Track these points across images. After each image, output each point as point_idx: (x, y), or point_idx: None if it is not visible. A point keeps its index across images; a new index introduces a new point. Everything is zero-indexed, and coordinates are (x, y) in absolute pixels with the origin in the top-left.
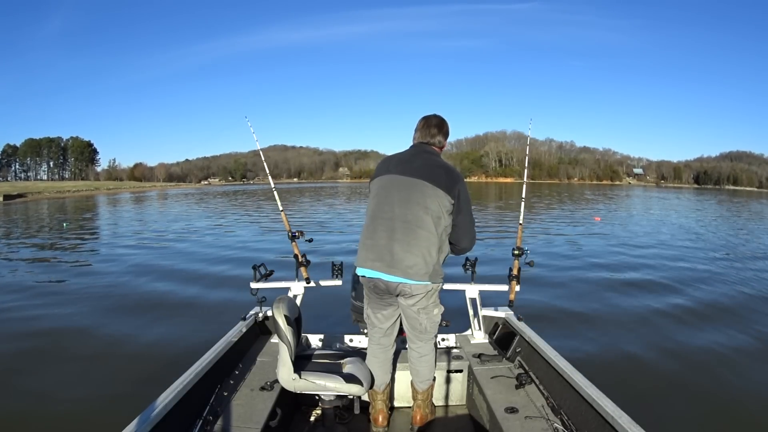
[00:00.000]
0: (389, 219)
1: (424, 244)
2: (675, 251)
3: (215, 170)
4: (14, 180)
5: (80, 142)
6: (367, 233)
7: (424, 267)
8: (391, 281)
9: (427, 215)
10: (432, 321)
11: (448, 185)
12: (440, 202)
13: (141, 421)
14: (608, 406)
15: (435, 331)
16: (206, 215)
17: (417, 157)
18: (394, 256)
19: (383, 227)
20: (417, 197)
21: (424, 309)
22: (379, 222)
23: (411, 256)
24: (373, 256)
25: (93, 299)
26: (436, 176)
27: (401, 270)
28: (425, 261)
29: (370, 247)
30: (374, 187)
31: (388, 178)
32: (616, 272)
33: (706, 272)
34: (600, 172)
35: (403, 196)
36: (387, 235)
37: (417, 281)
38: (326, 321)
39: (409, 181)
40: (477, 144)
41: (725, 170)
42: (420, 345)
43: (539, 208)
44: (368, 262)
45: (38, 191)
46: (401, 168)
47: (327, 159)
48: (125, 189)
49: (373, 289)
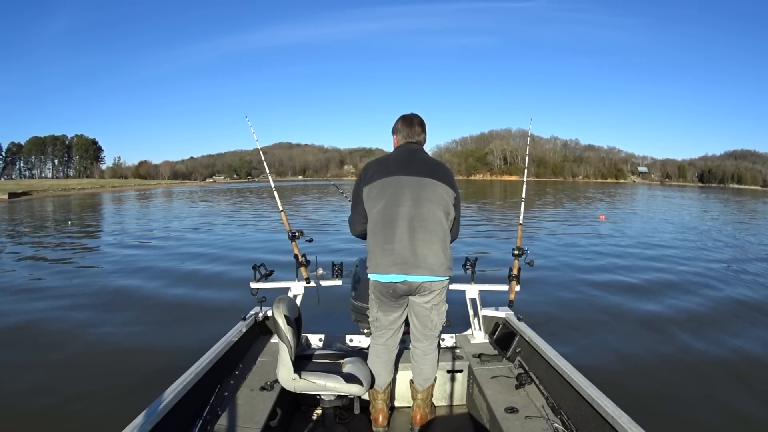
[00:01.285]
0: (406, 220)
1: (441, 238)
2: (679, 251)
3: (220, 168)
4: (19, 178)
5: (85, 140)
6: (383, 238)
7: (446, 261)
8: (415, 281)
9: (440, 211)
10: (441, 318)
11: (449, 180)
12: (447, 196)
13: (141, 421)
14: (608, 406)
15: (440, 329)
16: (210, 213)
17: (414, 157)
18: (418, 255)
19: (401, 229)
20: (428, 195)
21: (437, 305)
22: (396, 225)
23: (433, 253)
24: (396, 260)
25: (93, 299)
26: (438, 173)
27: (427, 268)
28: (446, 255)
29: (390, 252)
30: (375, 190)
31: (393, 180)
32: (619, 273)
33: (714, 272)
34: (605, 170)
35: (414, 196)
36: (408, 236)
37: (440, 277)
38: (326, 321)
39: (417, 180)
40: (482, 142)
41: (729, 169)
42: (425, 344)
43: (544, 206)
44: (390, 267)
45: (43, 189)
46: (404, 169)
47: (332, 157)
48: (130, 187)
49: (391, 294)
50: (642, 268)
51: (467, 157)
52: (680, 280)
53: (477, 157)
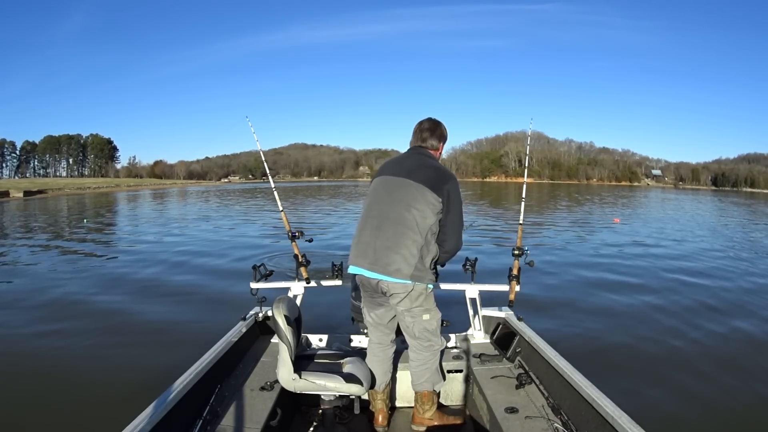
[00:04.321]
0: (375, 218)
1: (406, 242)
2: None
3: (235, 168)
4: (33, 177)
5: (100, 140)
6: (357, 232)
7: (404, 265)
8: (372, 278)
9: (410, 214)
10: (420, 326)
11: (435, 184)
12: (427, 200)
13: (141, 421)
14: (608, 406)
15: (429, 339)
16: (221, 214)
17: (409, 159)
18: (376, 253)
19: (370, 226)
20: (402, 196)
21: (409, 311)
22: (367, 221)
23: (391, 253)
24: (359, 254)
25: (93, 298)
26: (423, 176)
27: (381, 267)
28: (405, 259)
29: (356, 245)
30: (370, 187)
31: (381, 180)
32: (639, 279)
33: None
34: (619, 173)
35: (390, 196)
36: (371, 233)
37: (395, 279)
38: (326, 321)
39: (398, 180)
40: (497, 144)
41: (743, 172)
42: (414, 351)
43: (559, 208)
44: (354, 259)
45: (58, 187)
46: (393, 169)
47: (347, 158)
48: (145, 186)
49: (363, 287)
50: (665, 274)
51: (482, 159)
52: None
53: (492, 159)
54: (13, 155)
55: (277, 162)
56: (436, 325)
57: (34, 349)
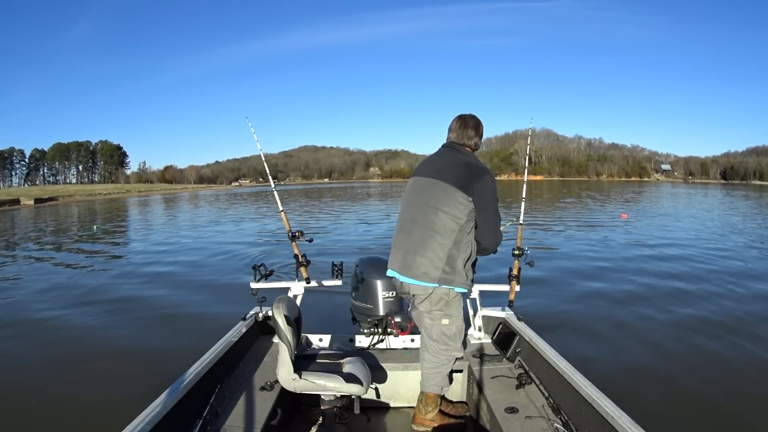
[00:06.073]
0: (406, 221)
1: (432, 245)
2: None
3: (246, 171)
4: (43, 184)
5: (109, 146)
6: (395, 235)
7: (431, 269)
8: (404, 282)
9: (437, 217)
10: (438, 330)
11: (465, 183)
12: (456, 201)
13: (141, 421)
14: (608, 406)
15: (446, 343)
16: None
17: (442, 157)
18: (406, 257)
19: (402, 230)
20: (429, 198)
21: (429, 313)
22: (401, 224)
23: (418, 257)
24: (393, 257)
25: (94, 297)
26: (454, 174)
27: (409, 270)
28: (432, 263)
29: (392, 249)
30: (406, 189)
31: (413, 181)
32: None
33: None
34: (628, 168)
35: (419, 199)
36: (403, 237)
37: (421, 282)
38: (326, 321)
39: (427, 181)
40: (506, 142)
41: (752, 165)
42: (429, 353)
43: (568, 205)
44: (390, 262)
45: (69, 195)
46: (424, 169)
47: (357, 159)
48: (156, 191)
49: (398, 290)
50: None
51: (492, 158)
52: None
53: (502, 157)
54: (22, 163)
55: (288, 165)
56: (456, 332)
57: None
